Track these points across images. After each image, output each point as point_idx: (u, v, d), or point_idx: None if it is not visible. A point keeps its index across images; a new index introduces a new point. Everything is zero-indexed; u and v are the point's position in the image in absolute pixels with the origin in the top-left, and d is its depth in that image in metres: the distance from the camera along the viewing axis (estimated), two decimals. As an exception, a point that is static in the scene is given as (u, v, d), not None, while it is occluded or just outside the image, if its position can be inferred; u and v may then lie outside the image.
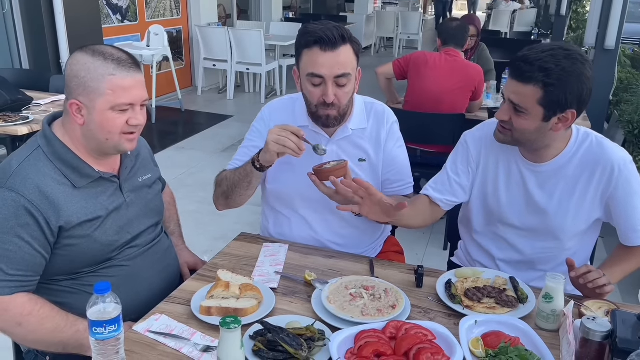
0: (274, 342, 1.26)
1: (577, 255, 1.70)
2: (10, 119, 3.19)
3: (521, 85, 1.49)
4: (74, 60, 1.41)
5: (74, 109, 1.41)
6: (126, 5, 6.46)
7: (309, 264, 1.71)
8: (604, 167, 1.60)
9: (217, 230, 3.61)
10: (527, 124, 1.53)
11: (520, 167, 1.69)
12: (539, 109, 1.49)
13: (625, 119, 4.27)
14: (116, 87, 1.38)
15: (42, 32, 4.99)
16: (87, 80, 1.38)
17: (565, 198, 1.65)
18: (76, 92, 1.39)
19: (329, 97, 1.64)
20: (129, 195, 1.57)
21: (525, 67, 1.47)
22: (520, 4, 13.02)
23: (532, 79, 1.46)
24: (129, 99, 1.41)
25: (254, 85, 7.95)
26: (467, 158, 1.77)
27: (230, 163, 1.85)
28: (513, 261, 1.78)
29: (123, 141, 1.46)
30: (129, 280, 1.55)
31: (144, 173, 1.66)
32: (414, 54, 3.78)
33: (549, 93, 1.46)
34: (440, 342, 1.30)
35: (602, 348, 1.21)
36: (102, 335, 1.14)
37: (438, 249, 3.56)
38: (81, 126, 1.43)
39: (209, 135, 5.97)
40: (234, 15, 9.34)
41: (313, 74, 1.63)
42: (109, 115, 1.40)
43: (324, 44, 1.60)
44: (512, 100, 1.52)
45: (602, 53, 4.11)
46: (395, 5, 13.44)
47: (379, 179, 1.85)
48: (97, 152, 1.48)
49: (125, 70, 1.40)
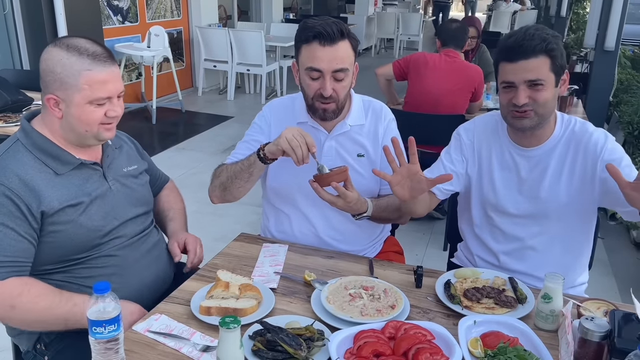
0: (273, 342, 1.26)
1: (578, 244, 1.74)
2: (11, 120, 3.20)
3: (530, 61, 1.55)
4: (49, 55, 1.41)
5: (51, 103, 1.43)
6: (127, 7, 6.47)
7: (308, 264, 1.72)
8: (586, 145, 1.66)
9: (217, 230, 3.61)
10: (547, 94, 1.59)
11: (512, 154, 1.74)
12: (552, 76, 1.58)
13: (625, 120, 4.28)
14: (93, 82, 1.41)
15: (43, 33, 4.99)
16: (64, 76, 1.39)
17: (554, 179, 1.70)
18: (53, 86, 1.41)
19: (327, 90, 1.67)
20: (113, 183, 1.59)
21: (527, 43, 1.55)
22: (520, 5, 13.03)
23: (538, 51, 1.55)
24: (106, 92, 1.44)
25: (254, 86, 7.97)
26: (461, 147, 1.82)
27: (230, 157, 1.86)
28: (513, 251, 1.79)
29: (102, 131, 1.48)
30: (118, 271, 1.56)
31: (129, 164, 1.68)
32: (414, 55, 3.79)
33: (554, 59, 1.57)
34: (439, 342, 1.30)
35: (601, 348, 1.21)
36: (101, 334, 1.15)
37: (438, 250, 3.56)
38: (59, 119, 1.45)
39: (210, 136, 5.97)
40: (235, 16, 9.35)
41: (312, 68, 1.67)
42: (87, 109, 1.43)
43: (323, 38, 1.64)
44: (529, 78, 1.56)
45: (602, 54, 4.12)
46: (395, 7, 13.43)
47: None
48: (77, 142, 1.50)
49: (100, 64, 1.42)
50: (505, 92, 1.62)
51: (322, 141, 1.82)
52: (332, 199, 1.64)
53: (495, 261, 1.82)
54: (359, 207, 1.70)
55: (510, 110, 1.62)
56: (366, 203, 1.73)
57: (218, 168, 1.84)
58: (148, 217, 1.72)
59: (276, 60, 7.50)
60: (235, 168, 1.74)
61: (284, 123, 1.84)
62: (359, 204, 1.69)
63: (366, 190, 1.83)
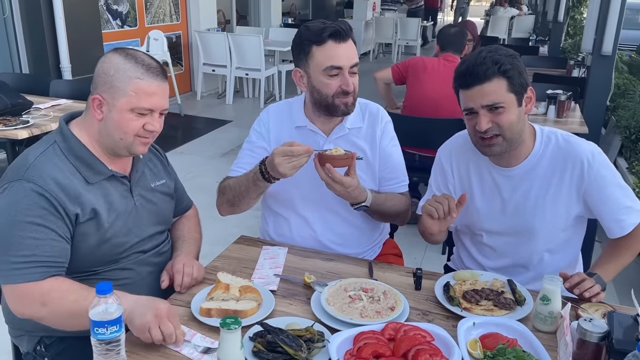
0: (274, 343, 1.27)
1: (566, 255, 1.74)
2: (10, 123, 3.20)
3: (485, 86, 1.53)
4: (107, 59, 1.46)
5: (95, 104, 1.45)
6: (126, 11, 6.49)
7: (308, 266, 1.72)
8: (573, 163, 1.63)
9: (216, 234, 3.60)
10: (509, 116, 1.56)
11: (492, 174, 1.72)
12: (511, 97, 1.55)
13: (623, 124, 4.30)
14: (140, 91, 1.43)
15: (42, 37, 5.01)
16: (115, 79, 1.42)
17: (540, 197, 1.67)
18: (101, 88, 1.44)
19: (350, 85, 1.71)
20: (138, 199, 1.58)
21: (480, 69, 1.53)
22: (518, 11, 13.08)
23: (492, 74, 1.52)
24: (150, 104, 1.45)
25: (253, 90, 7.99)
26: (444, 174, 1.82)
27: (234, 168, 1.86)
28: (504, 267, 1.78)
29: (137, 143, 1.48)
30: (130, 282, 1.55)
31: (156, 179, 1.67)
32: (413, 59, 3.80)
33: (510, 78, 1.54)
34: (439, 343, 1.31)
35: (599, 349, 1.22)
36: (103, 335, 1.15)
37: (436, 253, 3.57)
38: (99, 122, 1.47)
39: (208, 139, 5.98)
40: (233, 21, 9.37)
41: (332, 67, 1.69)
42: (127, 116, 1.44)
43: (337, 36, 1.68)
44: (486, 103, 1.54)
45: (599, 59, 4.14)
46: (394, 12, 13.47)
47: (376, 176, 1.88)
48: (111, 150, 1.50)
49: (152, 76, 1.45)
50: (469, 119, 1.60)
51: (320, 145, 1.82)
52: (329, 180, 1.63)
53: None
54: (357, 195, 1.70)
55: (477, 138, 1.60)
56: (365, 192, 1.73)
57: (223, 182, 1.85)
58: (165, 233, 1.72)
59: (275, 65, 7.52)
60: (240, 189, 1.74)
61: (282, 128, 1.86)
62: (357, 192, 1.68)
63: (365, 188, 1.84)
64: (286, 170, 1.57)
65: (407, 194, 1.91)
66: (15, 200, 1.37)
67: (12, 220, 1.36)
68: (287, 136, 1.83)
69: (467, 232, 1.85)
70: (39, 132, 3.23)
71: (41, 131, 3.24)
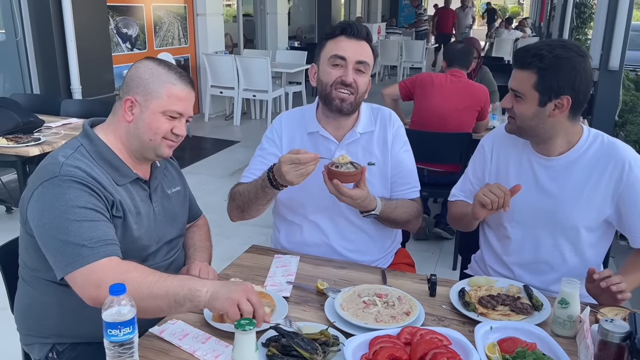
0: (289, 347, 1.25)
1: (589, 262, 1.70)
2: (22, 140, 3.23)
3: (519, 72, 1.60)
4: (140, 64, 1.52)
5: (126, 105, 1.49)
6: (135, 34, 6.60)
7: (320, 274, 1.71)
8: (615, 163, 1.63)
9: (224, 251, 3.59)
10: (525, 108, 1.60)
11: (531, 161, 1.73)
12: (535, 94, 1.58)
13: (632, 138, 4.29)
14: (173, 95, 1.49)
15: (54, 59, 5.08)
16: (149, 83, 1.48)
17: (577, 190, 1.66)
18: (135, 90, 1.49)
19: (349, 76, 1.72)
20: (157, 205, 1.59)
21: (522, 54, 1.60)
22: (522, 33, 13.18)
23: (528, 65, 1.57)
24: (181, 108, 1.50)
25: (260, 111, 8.04)
26: (483, 159, 1.83)
27: (245, 174, 1.87)
28: (527, 263, 1.77)
29: (163, 146, 1.52)
30: None
31: (172, 185, 1.69)
32: (420, 75, 3.83)
33: (542, 77, 1.55)
34: (456, 347, 1.29)
35: (621, 350, 1.19)
36: (117, 337, 1.14)
37: (447, 269, 3.53)
38: (128, 123, 1.50)
39: (216, 160, 6.01)
40: (241, 44, 9.50)
41: (336, 56, 1.72)
42: (159, 118, 1.49)
43: (350, 32, 1.72)
44: (512, 87, 1.62)
45: (607, 74, 4.16)
46: (398, 35, 13.62)
47: (388, 181, 1.87)
48: (137, 152, 1.53)
49: (184, 83, 1.51)
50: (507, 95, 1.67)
51: (332, 150, 1.83)
52: (337, 194, 1.64)
53: (510, 274, 1.79)
54: (367, 204, 1.70)
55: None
56: (375, 201, 1.73)
57: (234, 188, 1.85)
58: (180, 240, 1.72)
59: (282, 87, 7.58)
60: (250, 196, 1.74)
61: (295, 134, 1.86)
62: (367, 202, 1.69)
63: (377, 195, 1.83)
64: (293, 178, 1.57)
65: (418, 200, 1.91)
66: (60, 192, 1.35)
67: (63, 208, 1.34)
68: (299, 142, 1.84)
69: (493, 223, 1.83)
70: (50, 149, 3.25)
71: (52, 148, 3.26)
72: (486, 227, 1.89)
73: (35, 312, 1.52)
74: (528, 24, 15.32)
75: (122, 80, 1.56)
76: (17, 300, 1.58)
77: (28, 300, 1.53)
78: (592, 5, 9.68)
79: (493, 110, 4.05)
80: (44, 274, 1.44)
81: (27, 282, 1.52)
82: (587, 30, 9.77)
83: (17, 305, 1.59)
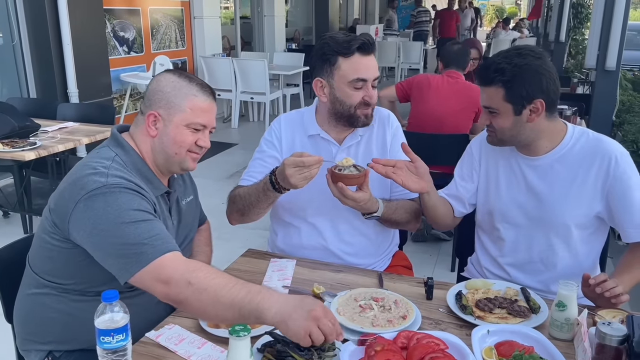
0: (284, 352, 1.24)
1: (584, 260, 1.71)
2: (18, 145, 3.22)
3: (486, 89, 1.62)
4: (161, 77, 1.50)
5: (150, 120, 1.48)
6: (132, 37, 6.58)
7: (317, 278, 1.70)
8: (602, 158, 1.63)
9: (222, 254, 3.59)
10: (502, 121, 1.62)
11: (519, 164, 1.74)
12: (508, 106, 1.60)
13: (630, 138, 4.28)
14: (196, 107, 1.47)
15: (50, 62, 5.07)
16: (171, 96, 1.46)
17: (565, 187, 1.67)
18: (157, 104, 1.47)
19: (374, 97, 1.76)
20: (175, 217, 1.60)
21: (484, 73, 1.63)
22: (519, 34, 13.19)
23: (492, 81, 1.59)
24: (204, 120, 1.49)
25: (258, 114, 8.04)
26: (471, 162, 1.85)
27: (245, 177, 1.87)
28: (521, 264, 1.77)
29: (188, 159, 1.51)
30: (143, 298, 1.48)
31: (186, 195, 1.69)
32: (416, 76, 3.83)
33: (509, 89, 1.58)
34: (453, 351, 1.28)
35: (619, 353, 1.18)
36: (110, 344, 1.13)
37: (445, 271, 3.52)
38: (152, 138, 1.49)
39: (214, 162, 5.99)
40: (238, 47, 9.49)
41: (359, 79, 1.72)
42: (183, 131, 1.47)
43: (364, 49, 1.72)
44: (484, 105, 1.65)
45: (604, 74, 4.15)
46: (396, 36, 13.61)
47: (387, 182, 1.86)
48: (163, 166, 1.52)
49: (206, 95, 1.50)
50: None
51: (333, 153, 1.83)
52: (341, 197, 1.65)
53: (505, 275, 1.79)
54: (370, 206, 1.71)
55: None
56: (377, 203, 1.74)
57: (233, 191, 1.84)
58: (189, 248, 1.72)
59: (279, 89, 7.58)
60: (251, 199, 1.73)
61: (294, 136, 1.86)
62: (369, 204, 1.70)
63: (376, 197, 1.83)
64: (297, 182, 1.56)
65: (417, 200, 1.90)
66: (112, 199, 1.33)
67: (117, 213, 1.32)
68: (300, 145, 1.85)
69: (487, 226, 1.84)
70: (46, 153, 3.24)
71: (48, 152, 3.25)
72: (480, 231, 1.89)
73: (38, 318, 1.50)
74: (525, 25, 15.33)
75: (120, 84, 1.56)
76: (18, 304, 1.55)
77: (31, 306, 1.50)
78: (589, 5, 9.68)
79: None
80: (61, 284, 1.44)
81: (35, 287, 1.49)
82: (584, 30, 9.77)
83: (18, 309, 1.55)
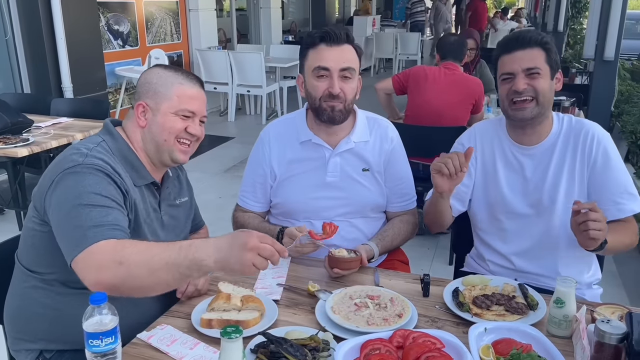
0: (277, 354, 1.22)
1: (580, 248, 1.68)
2: (10, 141, 3.18)
3: (527, 51, 1.64)
4: (149, 70, 1.55)
5: (139, 111, 1.50)
6: (127, 31, 6.52)
7: (312, 275, 1.68)
8: (584, 137, 1.69)
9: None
10: (544, 83, 1.65)
11: (515, 154, 1.76)
12: (547, 68, 1.65)
13: (628, 129, 4.27)
14: (182, 94, 1.50)
15: (44, 57, 5.03)
16: (158, 86, 1.50)
17: (557, 172, 1.71)
18: (145, 95, 1.51)
19: (335, 87, 1.70)
20: (165, 214, 1.59)
21: (525, 35, 1.67)
22: (517, 24, 13.15)
23: (534, 43, 1.64)
24: (192, 107, 1.51)
25: (254, 107, 7.99)
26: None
27: (240, 196, 1.93)
28: (524, 251, 1.77)
29: (177, 150, 1.51)
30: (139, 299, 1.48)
31: (181, 195, 1.68)
32: (413, 68, 3.79)
33: (549, 53, 1.66)
34: (449, 350, 1.25)
35: (618, 351, 1.16)
36: (98, 348, 1.10)
37: (443, 264, 3.51)
38: (142, 128, 1.51)
39: (211, 156, 5.96)
40: (234, 39, 9.43)
41: (320, 67, 1.69)
42: (171, 118, 1.50)
43: (329, 39, 1.69)
44: (526, 66, 1.63)
45: (602, 64, 4.12)
46: (393, 27, 13.53)
47: (383, 186, 1.87)
48: (154, 157, 1.53)
49: (192, 82, 1.53)
50: (505, 84, 1.67)
51: (326, 157, 1.81)
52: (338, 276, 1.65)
53: (510, 264, 1.79)
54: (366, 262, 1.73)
55: (510, 101, 1.66)
56: (372, 252, 1.75)
57: (237, 215, 1.91)
58: None
59: (276, 81, 7.52)
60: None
61: (285, 145, 1.85)
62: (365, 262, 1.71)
63: (373, 203, 1.85)
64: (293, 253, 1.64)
65: (414, 210, 1.93)
66: (80, 178, 1.34)
67: (79, 192, 1.32)
68: (291, 153, 1.83)
69: (487, 219, 1.83)
70: (39, 149, 3.21)
71: (41, 149, 3.22)
72: (478, 225, 1.87)
73: (27, 314, 1.48)
74: (524, 14, 15.27)
75: (115, 78, 1.56)
76: (8, 302, 1.54)
77: (20, 302, 1.49)
78: (587, -6, 9.63)
79: (488, 103, 4.01)
80: (43, 274, 1.43)
81: (24, 282, 1.48)
82: (582, 19, 9.72)
83: (8, 306, 1.54)
